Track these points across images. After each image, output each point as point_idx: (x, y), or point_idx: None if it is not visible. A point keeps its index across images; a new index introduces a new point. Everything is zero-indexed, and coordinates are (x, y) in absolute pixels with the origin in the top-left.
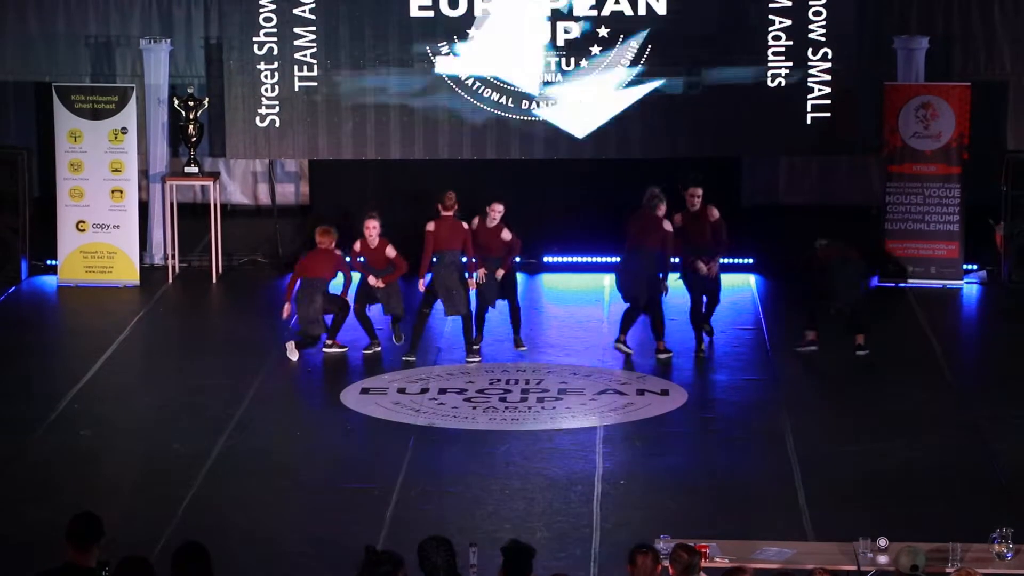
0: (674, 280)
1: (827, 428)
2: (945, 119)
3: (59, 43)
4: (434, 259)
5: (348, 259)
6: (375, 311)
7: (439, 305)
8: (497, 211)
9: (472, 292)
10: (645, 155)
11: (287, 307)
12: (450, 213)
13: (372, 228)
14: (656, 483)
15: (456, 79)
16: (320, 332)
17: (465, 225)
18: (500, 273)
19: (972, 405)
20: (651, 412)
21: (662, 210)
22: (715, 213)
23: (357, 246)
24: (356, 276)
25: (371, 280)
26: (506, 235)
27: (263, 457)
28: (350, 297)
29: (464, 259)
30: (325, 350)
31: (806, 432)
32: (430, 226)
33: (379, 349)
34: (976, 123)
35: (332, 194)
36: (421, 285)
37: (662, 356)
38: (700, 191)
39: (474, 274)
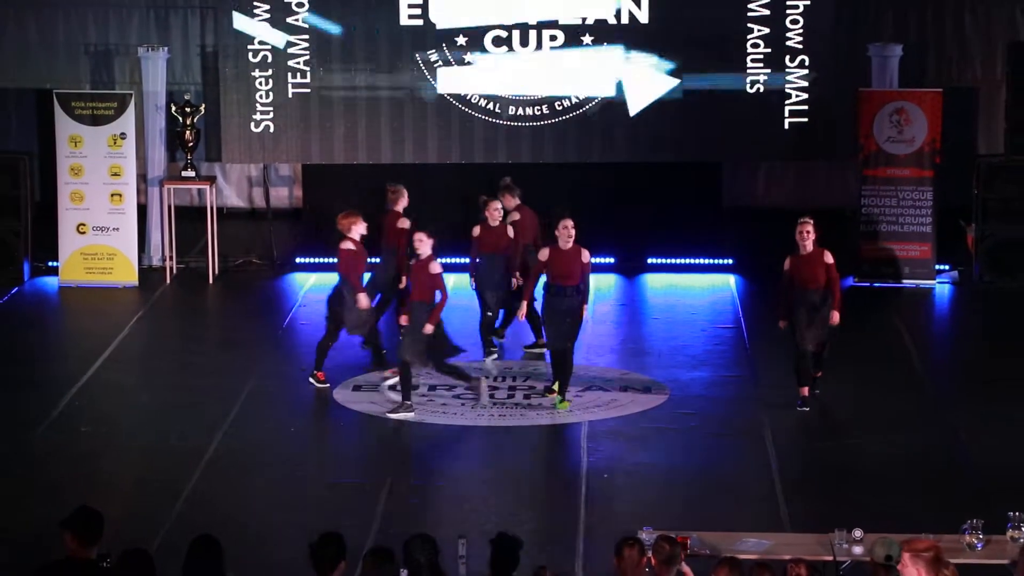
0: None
1: (804, 423)
2: (918, 124)
3: (59, 51)
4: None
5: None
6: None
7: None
8: (497, 208)
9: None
10: (629, 160)
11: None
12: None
13: (425, 243)
14: (639, 477)
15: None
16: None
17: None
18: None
19: (944, 402)
20: (634, 408)
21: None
22: (587, 255)
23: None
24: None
25: (428, 330)
26: (511, 232)
27: (258, 453)
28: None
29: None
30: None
31: (784, 427)
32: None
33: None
34: (948, 128)
35: (324, 197)
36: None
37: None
38: (572, 223)
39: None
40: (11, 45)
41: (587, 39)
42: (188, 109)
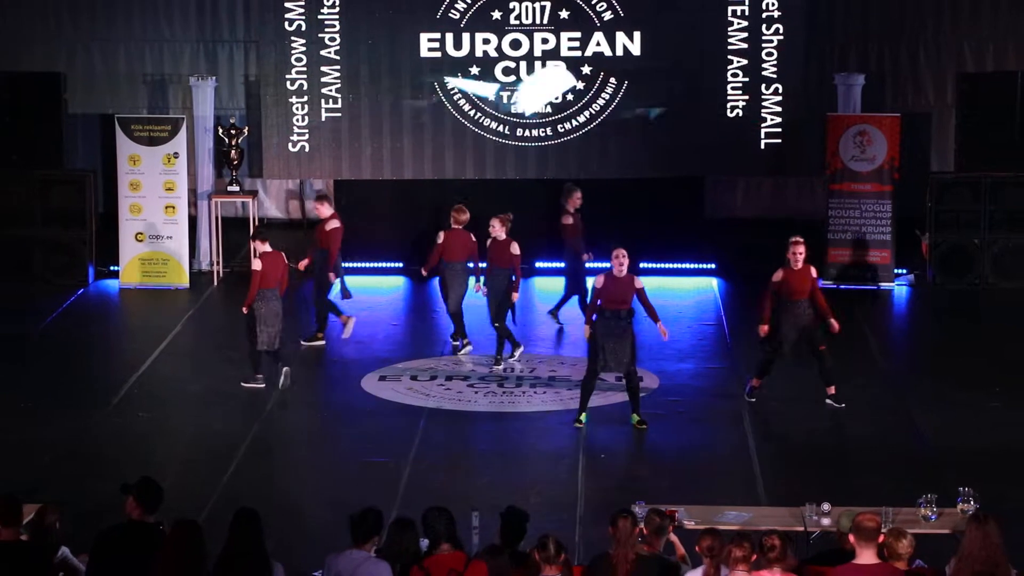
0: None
1: (778, 409)
2: (879, 145)
3: (120, 81)
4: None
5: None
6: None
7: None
8: (496, 227)
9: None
10: (623, 175)
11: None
12: (459, 226)
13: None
14: (632, 457)
15: (460, 109)
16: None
17: (472, 237)
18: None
19: (902, 390)
20: (628, 396)
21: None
22: (639, 282)
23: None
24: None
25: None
26: (515, 249)
27: (294, 435)
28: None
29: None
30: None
31: (760, 412)
32: (440, 236)
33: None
34: (905, 148)
35: (354, 208)
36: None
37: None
38: (624, 253)
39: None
40: (79, 75)
41: (586, 69)
42: (233, 131)
